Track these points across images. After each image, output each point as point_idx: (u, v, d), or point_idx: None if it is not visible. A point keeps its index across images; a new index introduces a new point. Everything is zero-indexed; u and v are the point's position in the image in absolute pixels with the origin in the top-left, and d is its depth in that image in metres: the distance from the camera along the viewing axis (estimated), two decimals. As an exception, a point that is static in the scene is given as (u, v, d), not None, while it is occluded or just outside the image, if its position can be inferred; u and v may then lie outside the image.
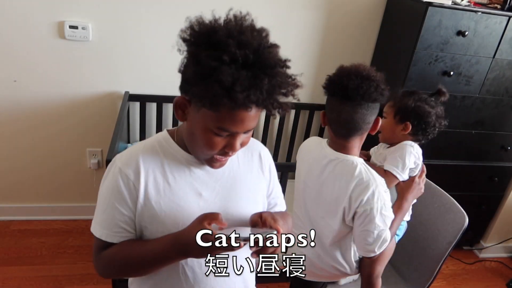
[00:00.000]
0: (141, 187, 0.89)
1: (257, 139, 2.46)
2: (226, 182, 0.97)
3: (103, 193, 0.92)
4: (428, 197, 1.59)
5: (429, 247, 1.51)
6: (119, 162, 0.91)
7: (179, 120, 0.88)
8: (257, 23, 0.85)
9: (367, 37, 2.33)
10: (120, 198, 0.89)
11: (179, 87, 0.83)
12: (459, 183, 2.31)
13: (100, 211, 0.92)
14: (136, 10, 2.00)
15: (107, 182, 0.92)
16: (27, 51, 2.00)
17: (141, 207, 0.90)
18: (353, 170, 1.16)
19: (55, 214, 2.41)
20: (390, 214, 1.18)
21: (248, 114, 0.78)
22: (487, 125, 2.19)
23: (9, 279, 2.00)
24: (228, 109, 0.76)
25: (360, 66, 1.14)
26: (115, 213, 0.90)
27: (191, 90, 0.77)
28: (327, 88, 1.18)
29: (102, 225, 0.91)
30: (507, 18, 1.91)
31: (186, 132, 0.89)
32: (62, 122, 2.20)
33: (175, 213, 0.91)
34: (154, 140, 0.95)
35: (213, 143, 0.83)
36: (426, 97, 1.36)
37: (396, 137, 1.39)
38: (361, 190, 1.13)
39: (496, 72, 2.04)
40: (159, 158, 0.92)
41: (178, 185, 0.92)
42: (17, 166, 2.28)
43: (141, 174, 0.89)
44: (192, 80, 0.76)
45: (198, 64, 0.74)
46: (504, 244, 2.63)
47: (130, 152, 0.94)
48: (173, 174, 0.92)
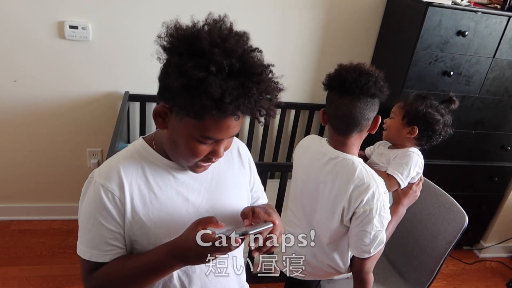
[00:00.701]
0: (127, 201, 0.86)
1: (257, 139, 2.49)
2: (211, 184, 0.96)
3: (86, 212, 0.88)
4: (428, 197, 1.59)
5: (429, 247, 1.51)
6: (100, 178, 0.87)
7: (159, 128, 0.85)
8: (257, 23, 0.85)
9: (367, 37, 2.33)
10: (106, 215, 0.86)
11: (158, 94, 0.80)
12: (459, 183, 2.31)
13: (85, 232, 0.88)
14: (136, 10, 2.00)
15: (89, 200, 0.87)
16: (27, 51, 2.00)
17: (129, 221, 0.87)
18: (354, 170, 1.16)
19: (55, 214, 2.41)
20: (388, 215, 1.18)
21: (234, 122, 0.78)
22: (487, 125, 2.19)
23: (9, 279, 2.00)
24: (214, 118, 0.75)
25: (359, 63, 1.15)
26: (103, 231, 0.86)
27: (174, 100, 0.75)
28: (326, 84, 1.18)
29: (90, 245, 0.88)
30: (507, 18, 1.91)
31: (167, 139, 0.86)
32: (62, 122, 2.20)
33: (165, 223, 0.89)
34: (132, 149, 0.92)
35: (197, 151, 0.81)
36: (437, 105, 1.36)
37: (400, 138, 1.40)
38: (361, 190, 1.13)
39: (496, 72, 2.04)
40: (140, 168, 0.89)
41: (164, 193, 0.90)
42: (17, 166, 2.28)
43: (125, 188, 0.86)
44: (177, 90, 0.73)
45: (184, 75, 0.71)
46: (504, 244, 2.63)
47: (109, 166, 0.89)
48: (157, 183, 0.89)
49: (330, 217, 1.21)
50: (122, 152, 0.93)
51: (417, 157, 1.38)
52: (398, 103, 1.41)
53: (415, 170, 1.37)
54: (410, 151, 1.38)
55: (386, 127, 1.42)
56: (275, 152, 2.52)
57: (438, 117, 1.35)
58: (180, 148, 0.83)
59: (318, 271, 1.35)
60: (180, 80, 0.72)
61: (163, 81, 0.78)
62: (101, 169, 0.90)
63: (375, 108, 1.16)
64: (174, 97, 0.75)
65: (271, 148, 2.54)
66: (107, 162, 0.92)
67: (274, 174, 2.58)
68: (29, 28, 1.95)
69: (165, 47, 0.77)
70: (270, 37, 2.19)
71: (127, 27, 2.02)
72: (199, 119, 0.76)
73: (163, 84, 0.78)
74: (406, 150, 1.38)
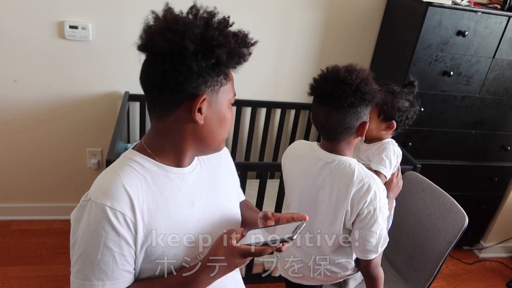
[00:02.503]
0: (138, 221, 0.78)
1: (257, 139, 2.49)
2: (209, 186, 0.95)
3: (87, 241, 0.77)
4: (428, 197, 1.59)
5: (429, 247, 1.51)
6: (103, 199, 0.76)
7: (200, 122, 0.81)
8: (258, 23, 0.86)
9: (367, 37, 2.33)
10: (119, 239, 0.77)
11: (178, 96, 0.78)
12: (459, 183, 2.31)
13: (90, 264, 0.77)
14: (136, 10, 2.00)
15: (92, 227, 0.76)
16: (27, 51, 2.00)
17: (142, 241, 0.80)
18: (352, 172, 1.14)
19: (55, 214, 2.41)
20: (387, 211, 1.18)
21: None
22: (487, 125, 2.19)
23: (9, 279, 2.00)
24: (231, 76, 0.84)
25: (341, 68, 1.11)
26: (115, 259, 0.77)
27: (207, 79, 0.78)
28: (312, 93, 1.18)
29: (102, 278, 0.77)
30: (507, 18, 1.91)
31: (203, 131, 0.83)
32: (62, 122, 2.20)
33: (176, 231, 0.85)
34: (127, 163, 0.84)
35: (232, 115, 0.87)
36: (404, 93, 1.41)
37: (380, 134, 1.44)
38: (363, 191, 1.12)
39: (496, 72, 2.04)
40: (144, 182, 0.82)
41: (172, 203, 0.85)
42: (17, 166, 2.28)
43: (135, 207, 0.78)
44: (206, 68, 0.76)
45: (204, 51, 0.75)
46: (504, 244, 2.63)
47: (110, 186, 0.79)
48: (163, 194, 0.84)
49: (332, 222, 1.19)
50: (114, 168, 0.84)
51: (392, 146, 1.43)
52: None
53: (395, 159, 1.42)
54: (384, 143, 1.44)
55: None
56: (275, 152, 2.52)
57: (407, 104, 1.41)
58: (225, 122, 0.85)
59: (323, 277, 1.33)
60: (206, 58, 0.75)
61: (197, 63, 0.76)
62: (100, 190, 0.79)
63: (359, 116, 1.12)
64: (204, 76, 0.77)
65: (271, 148, 2.54)
66: (104, 180, 0.82)
67: (274, 174, 2.58)
68: (29, 28, 1.95)
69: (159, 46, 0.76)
70: (270, 37, 2.19)
71: (127, 27, 2.02)
72: (228, 79, 0.82)
73: (198, 68, 0.76)
74: (381, 144, 1.44)
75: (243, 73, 0.85)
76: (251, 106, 2.37)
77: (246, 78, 2.24)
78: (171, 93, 0.78)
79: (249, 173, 1.83)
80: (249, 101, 2.34)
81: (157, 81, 0.78)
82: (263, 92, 2.35)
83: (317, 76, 1.16)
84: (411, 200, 1.65)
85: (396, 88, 1.43)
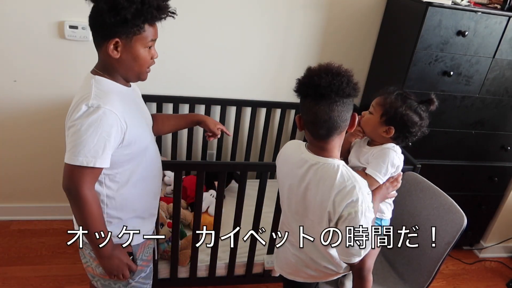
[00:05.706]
0: (127, 123, 1.14)
1: (257, 139, 2.49)
2: (139, 103, 1.39)
3: (93, 129, 1.10)
4: (427, 197, 1.59)
5: (428, 247, 1.51)
6: (109, 106, 1.10)
7: (116, 56, 1.13)
8: (258, 23, 0.86)
9: (367, 37, 2.33)
10: (115, 132, 1.12)
11: (102, 36, 1.11)
12: (459, 183, 2.32)
13: (89, 143, 1.11)
14: (136, 10, 2.01)
15: (97, 119, 1.09)
16: (27, 51, 2.00)
17: (125, 138, 1.16)
18: (335, 174, 1.13)
19: (55, 214, 2.42)
20: (372, 214, 1.16)
21: (156, 25, 1.15)
22: (487, 125, 2.19)
23: (9, 279, 2.00)
24: (153, 24, 1.13)
25: (328, 64, 1.14)
26: (109, 142, 1.12)
27: (119, 29, 1.08)
28: (298, 91, 1.17)
29: (95, 155, 1.12)
30: (507, 18, 1.91)
31: (122, 66, 1.16)
32: (62, 121, 2.18)
33: (140, 132, 1.23)
34: (96, 86, 1.16)
35: (149, 56, 1.17)
36: (417, 106, 1.34)
37: (377, 135, 1.38)
38: (344, 194, 1.11)
39: (496, 72, 2.04)
40: (117, 98, 1.15)
41: (135, 112, 1.24)
42: (17, 166, 2.28)
43: (123, 114, 1.14)
44: (115, 22, 1.07)
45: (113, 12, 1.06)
46: (504, 244, 2.63)
47: (105, 96, 1.13)
48: (129, 106, 1.21)
49: (320, 221, 1.19)
50: (96, 91, 1.14)
51: (394, 154, 1.35)
52: (379, 97, 1.38)
53: (392, 167, 1.36)
54: (386, 148, 1.36)
55: (363, 123, 1.40)
56: (275, 152, 2.53)
57: (416, 119, 1.33)
58: (139, 61, 1.16)
59: (318, 274, 1.34)
60: (116, 16, 1.06)
61: (109, 18, 1.06)
62: (100, 99, 1.11)
63: (351, 108, 1.14)
64: (117, 27, 1.08)
65: (271, 148, 2.54)
66: (99, 92, 1.13)
67: (274, 174, 2.58)
68: (29, 28, 1.95)
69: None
70: (270, 37, 2.19)
71: (127, 27, 2.02)
72: (142, 31, 1.10)
73: (111, 22, 1.07)
74: (382, 148, 1.37)
75: (243, 73, 0.85)
76: (251, 106, 2.37)
77: (246, 78, 2.25)
78: (97, 34, 1.14)
79: (249, 173, 1.83)
80: (249, 101, 2.34)
81: (90, 24, 1.15)
82: (263, 92, 2.36)
83: (305, 75, 1.16)
84: (410, 200, 1.65)
85: (412, 98, 1.36)
